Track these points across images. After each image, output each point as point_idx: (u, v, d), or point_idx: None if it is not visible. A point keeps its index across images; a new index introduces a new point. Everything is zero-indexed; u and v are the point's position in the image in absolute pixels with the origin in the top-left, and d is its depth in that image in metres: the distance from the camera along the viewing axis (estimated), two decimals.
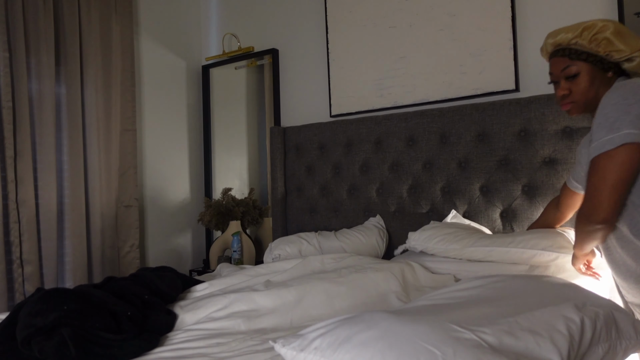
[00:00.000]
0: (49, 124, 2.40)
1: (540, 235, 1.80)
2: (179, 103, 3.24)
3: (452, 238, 1.93)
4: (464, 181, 2.27)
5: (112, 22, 2.71)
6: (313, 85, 2.90)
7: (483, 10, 2.29)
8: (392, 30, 2.55)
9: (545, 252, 1.74)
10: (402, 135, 2.45)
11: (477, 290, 1.26)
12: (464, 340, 0.94)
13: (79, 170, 2.52)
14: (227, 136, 3.30)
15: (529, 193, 2.11)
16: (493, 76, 2.27)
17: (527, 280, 1.33)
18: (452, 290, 1.30)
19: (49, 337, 1.22)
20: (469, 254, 1.89)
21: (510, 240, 1.81)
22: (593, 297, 1.23)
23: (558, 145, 2.05)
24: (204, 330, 1.47)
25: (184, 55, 3.28)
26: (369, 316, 1.05)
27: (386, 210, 2.49)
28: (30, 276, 2.28)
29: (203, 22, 3.40)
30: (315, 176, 2.74)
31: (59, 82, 2.51)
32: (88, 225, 2.58)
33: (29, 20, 2.35)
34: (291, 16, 2.99)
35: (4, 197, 2.24)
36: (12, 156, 2.25)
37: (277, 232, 2.85)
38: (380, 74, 2.60)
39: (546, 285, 1.28)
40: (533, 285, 1.28)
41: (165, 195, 3.12)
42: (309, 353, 1.01)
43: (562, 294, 1.22)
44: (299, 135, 2.80)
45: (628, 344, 1.17)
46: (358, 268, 1.80)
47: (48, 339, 1.21)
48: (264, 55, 3.06)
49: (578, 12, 2.10)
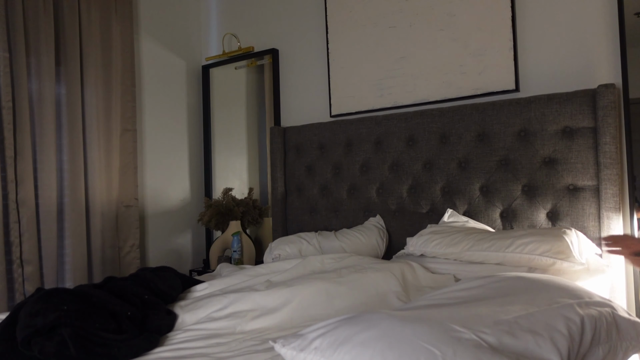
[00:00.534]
0: (49, 124, 2.40)
1: (539, 238, 1.79)
2: (179, 103, 3.23)
3: (450, 241, 1.94)
4: (464, 181, 2.27)
5: (112, 22, 2.71)
6: (313, 85, 2.90)
7: (483, 10, 2.29)
8: (392, 30, 2.55)
9: (543, 258, 1.73)
10: (402, 135, 2.44)
11: (477, 290, 1.26)
12: (464, 341, 0.94)
13: (79, 171, 2.52)
14: (227, 136, 3.29)
15: (529, 193, 2.11)
16: (493, 76, 2.27)
17: (528, 281, 1.32)
18: (452, 290, 1.30)
19: (49, 337, 1.22)
20: (468, 257, 1.89)
21: (509, 244, 1.81)
22: (594, 298, 1.23)
23: (558, 145, 2.05)
24: (204, 330, 1.47)
25: (184, 55, 3.28)
26: (368, 316, 1.05)
27: (386, 210, 2.49)
28: (30, 276, 2.28)
29: (203, 22, 3.40)
30: (315, 176, 2.74)
31: (59, 82, 2.51)
32: (88, 225, 2.58)
33: (29, 20, 2.35)
34: (291, 16, 2.99)
35: (4, 197, 2.24)
36: (12, 156, 2.25)
37: (277, 232, 2.84)
38: (380, 74, 2.60)
39: (547, 286, 1.28)
40: (533, 286, 1.28)
41: (165, 195, 3.12)
42: (309, 353, 1.01)
43: (563, 294, 1.21)
44: (299, 135, 2.80)
45: (629, 345, 1.16)
46: (358, 268, 1.80)
47: (48, 339, 1.21)
48: (264, 55, 3.06)
49: (578, 13, 2.10)
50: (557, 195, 2.05)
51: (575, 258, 1.72)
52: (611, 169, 1.89)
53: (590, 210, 1.97)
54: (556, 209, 2.05)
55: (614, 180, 1.89)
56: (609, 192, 1.89)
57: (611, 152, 1.90)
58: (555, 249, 1.73)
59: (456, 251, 1.91)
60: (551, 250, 1.73)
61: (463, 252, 1.89)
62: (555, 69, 2.16)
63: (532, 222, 2.10)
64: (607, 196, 1.90)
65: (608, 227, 1.89)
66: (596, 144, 1.95)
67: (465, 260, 1.91)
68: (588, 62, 2.08)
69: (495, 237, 1.88)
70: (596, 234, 1.96)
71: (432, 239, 2.00)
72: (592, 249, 1.90)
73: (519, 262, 1.79)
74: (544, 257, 1.73)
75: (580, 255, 1.75)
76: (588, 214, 1.98)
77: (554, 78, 2.16)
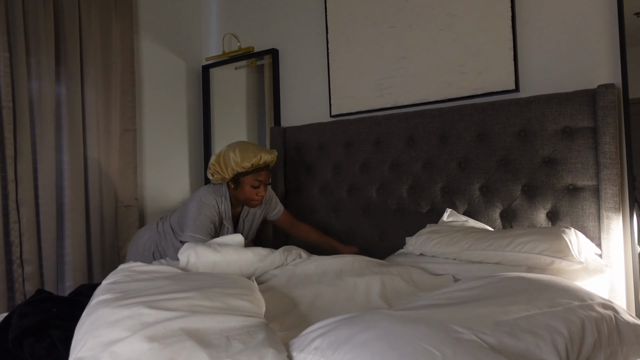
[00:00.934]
0: (49, 124, 2.40)
1: (538, 237, 1.79)
2: (179, 103, 3.23)
3: (449, 241, 1.94)
4: (464, 181, 2.27)
5: (112, 22, 2.71)
6: (313, 85, 2.90)
7: (483, 10, 2.29)
8: (392, 30, 2.55)
9: (542, 257, 1.73)
10: (402, 135, 2.44)
11: (477, 291, 1.26)
12: (464, 341, 0.94)
13: (79, 170, 2.52)
14: (227, 136, 3.29)
15: (528, 193, 2.11)
16: (493, 76, 2.27)
17: (528, 281, 1.32)
18: (452, 291, 1.30)
19: (40, 339, 1.22)
20: (467, 256, 1.89)
21: (508, 243, 1.81)
22: (595, 299, 1.22)
23: (558, 145, 2.05)
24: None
25: (184, 55, 3.28)
26: (369, 316, 1.05)
27: (386, 210, 2.49)
28: (30, 276, 2.28)
29: (203, 22, 3.40)
30: (315, 176, 2.74)
31: (59, 82, 2.51)
32: (88, 225, 2.58)
33: (29, 20, 2.35)
34: (291, 16, 2.99)
35: (4, 197, 2.24)
36: (12, 156, 2.25)
37: (277, 232, 2.84)
38: (380, 74, 2.60)
39: (547, 286, 1.28)
40: (534, 286, 1.28)
41: (165, 195, 3.12)
42: (309, 353, 1.01)
43: (564, 295, 1.21)
44: (299, 135, 2.80)
45: (629, 349, 1.15)
46: (359, 272, 1.80)
47: (38, 340, 1.21)
48: (264, 55, 3.06)
49: (578, 13, 2.10)
50: (557, 195, 2.05)
51: (574, 257, 1.72)
52: (611, 169, 1.89)
53: (590, 210, 1.97)
54: (556, 209, 2.05)
55: (614, 180, 1.89)
56: (608, 192, 1.89)
57: (611, 152, 1.90)
58: (553, 248, 1.72)
59: (455, 250, 1.91)
60: (550, 249, 1.72)
61: (462, 251, 1.89)
62: (555, 69, 2.16)
63: (532, 222, 2.10)
64: (606, 196, 1.90)
65: (608, 227, 1.89)
66: (596, 144, 1.96)
67: (465, 260, 1.91)
68: (588, 62, 2.08)
69: (494, 236, 1.88)
70: (596, 234, 1.96)
71: (432, 238, 2.00)
72: (591, 249, 1.90)
73: (518, 261, 1.79)
74: (542, 256, 1.73)
75: (579, 255, 1.75)
76: (588, 214, 1.98)
77: (554, 78, 2.16)
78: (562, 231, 1.81)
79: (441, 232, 2.02)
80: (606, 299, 1.29)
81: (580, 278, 1.72)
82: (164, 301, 1.14)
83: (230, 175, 2.15)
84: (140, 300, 1.13)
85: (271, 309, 1.47)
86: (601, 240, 1.92)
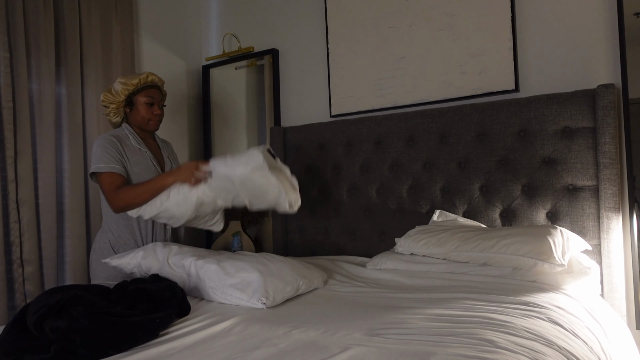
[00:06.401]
0: (49, 124, 2.40)
1: (523, 238, 1.79)
2: (179, 103, 3.23)
3: (437, 242, 1.96)
4: (463, 181, 2.27)
5: (112, 22, 2.71)
6: (313, 85, 2.90)
7: (483, 10, 2.29)
8: (392, 30, 2.56)
9: (525, 259, 1.74)
10: (402, 135, 2.45)
11: None
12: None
13: (79, 170, 2.52)
14: (227, 136, 3.29)
15: (528, 193, 2.11)
16: (493, 76, 2.27)
17: None
18: None
19: (59, 317, 1.26)
20: (454, 257, 1.92)
21: (493, 244, 1.82)
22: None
23: (558, 145, 2.05)
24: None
25: (184, 55, 3.28)
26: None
27: (386, 210, 2.49)
28: (30, 276, 2.28)
29: (203, 22, 3.40)
30: (315, 176, 2.74)
31: (59, 82, 2.51)
32: (88, 225, 2.58)
33: (30, 20, 2.35)
34: (291, 16, 2.99)
35: (4, 197, 2.24)
36: (12, 156, 2.25)
37: (277, 232, 2.85)
38: (380, 74, 2.60)
39: None
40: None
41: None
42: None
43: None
44: (299, 135, 2.80)
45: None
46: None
47: (59, 318, 1.26)
48: (264, 56, 3.06)
49: (578, 13, 2.11)
50: (557, 195, 2.05)
51: (556, 259, 1.70)
52: (611, 169, 1.90)
53: (589, 210, 1.98)
54: (556, 208, 2.05)
55: (614, 180, 1.89)
56: (608, 192, 1.90)
57: (611, 152, 1.90)
58: (537, 250, 1.72)
59: (442, 251, 1.93)
60: (533, 251, 1.73)
61: (449, 252, 1.92)
62: (555, 69, 2.16)
63: (531, 222, 2.10)
64: (606, 196, 1.90)
65: (608, 227, 1.89)
66: (596, 144, 1.96)
67: (452, 260, 1.93)
68: (588, 62, 2.09)
69: (480, 236, 1.88)
70: (596, 234, 1.96)
71: (419, 239, 2.03)
72: (581, 247, 1.89)
73: (503, 262, 1.80)
74: (526, 258, 1.74)
75: (562, 256, 1.73)
76: (587, 214, 1.98)
77: (554, 78, 2.16)
78: (547, 232, 1.80)
79: (429, 232, 2.03)
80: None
81: (564, 282, 1.72)
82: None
83: (122, 96, 2.09)
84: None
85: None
86: (601, 240, 1.92)
